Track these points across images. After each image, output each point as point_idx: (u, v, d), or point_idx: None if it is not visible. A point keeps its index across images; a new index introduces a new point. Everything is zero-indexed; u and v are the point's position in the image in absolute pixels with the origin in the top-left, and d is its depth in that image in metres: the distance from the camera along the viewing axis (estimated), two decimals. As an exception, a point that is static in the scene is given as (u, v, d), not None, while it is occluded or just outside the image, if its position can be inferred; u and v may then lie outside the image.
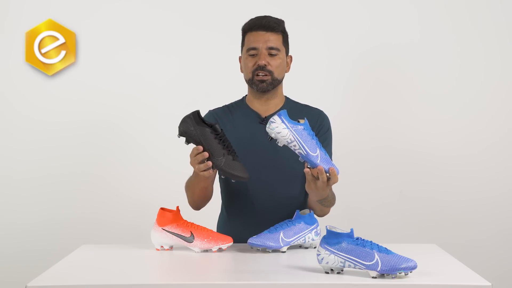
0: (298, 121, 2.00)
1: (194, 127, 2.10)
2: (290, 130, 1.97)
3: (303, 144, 1.97)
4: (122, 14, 3.36)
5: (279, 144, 1.99)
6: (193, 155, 2.10)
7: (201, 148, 2.08)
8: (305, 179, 2.35)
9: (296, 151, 1.98)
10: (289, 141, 1.97)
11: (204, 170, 2.10)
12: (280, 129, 1.97)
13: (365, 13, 3.36)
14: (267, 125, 1.98)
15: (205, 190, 2.30)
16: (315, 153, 1.98)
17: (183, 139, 2.14)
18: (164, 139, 3.35)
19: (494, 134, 3.34)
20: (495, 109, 3.34)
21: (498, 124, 3.34)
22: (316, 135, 2.15)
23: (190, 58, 3.38)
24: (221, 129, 2.12)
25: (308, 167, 2.01)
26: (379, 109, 3.36)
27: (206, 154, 2.07)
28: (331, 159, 2.35)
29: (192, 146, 2.13)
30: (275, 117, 1.98)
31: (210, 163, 2.08)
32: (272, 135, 1.98)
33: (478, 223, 3.35)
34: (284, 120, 1.98)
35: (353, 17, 3.36)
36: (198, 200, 2.35)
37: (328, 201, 2.22)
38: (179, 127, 2.12)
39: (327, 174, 2.00)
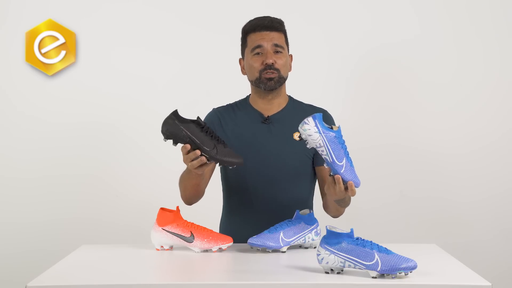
0: (331, 127, 1.98)
1: (179, 125, 2.09)
2: (322, 135, 1.95)
3: (331, 152, 1.95)
4: (122, 14, 3.36)
5: (307, 146, 1.97)
6: (185, 153, 2.10)
7: (189, 146, 2.08)
8: (308, 179, 2.37)
9: (323, 156, 1.96)
10: (318, 145, 1.95)
11: (199, 166, 2.10)
12: (312, 132, 1.95)
13: (366, 13, 3.35)
14: (300, 125, 1.96)
15: (197, 187, 2.30)
16: (341, 163, 1.96)
17: (170, 142, 2.13)
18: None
19: (494, 134, 3.34)
20: (497, 106, 3.34)
21: (499, 122, 3.34)
22: None
23: (190, 57, 3.38)
24: (204, 122, 2.12)
25: (330, 175, 2.00)
26: (378, 110, 3.36)
27: (198, 152, 2.07)
28: None
29: (180, 146, 2.12)
30: (309, 119, 1.96)
31: (203, 158, 2.08)
32: (303, 136, 1.96)
33: (478, 223, 3.34)
34: (318, 124, 1.95)
35: (355, 17, 3.35)
36: (190, 196, 2.35)
37: (345, 202, 2.19)
38: (163, 131, 2.11)
39: (345, 185, 1.99)
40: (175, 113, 2.12)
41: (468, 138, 3.34)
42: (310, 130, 1.95)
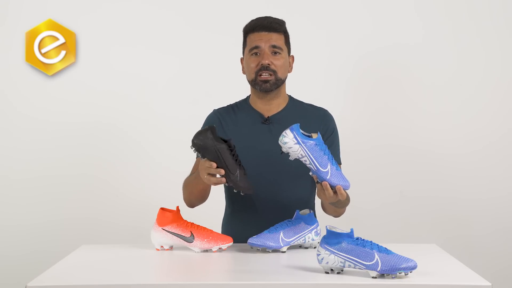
0: (311, 136, 1.98)
1: (214, 143, 2.07)
2: (301, 146, 1.95)
3: (314, 160, 1.96)
4: (122, 14, 3.36)
5: (290, 158, 1.98)
6: (206, 167, 2.08)
7: (215, 165, 2.06)
8: (309, 179, 2.36)
9: (307, 165, 1.98)
10: (300, 156, 1.96)
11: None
12: (291, 144, 1.96)
13: (367, 14, 3.35)
14: (280, 138, 1.97)
15: (204, 192, 2.32)
16: (325, 169, 1.97)
17: (191, 150, 2.12)
18: (164, 139, 3.35)
19: (494, 134, 3.34)
20: (497, 106, 3.34)
21: (499, 123, 3.34)
22: (322, 138, 2.13)
23: (190, 57, 3.38)
24: (234, 145, 2.11)
25: (317, 182, 2.01)
26: (379, 110, 3.36)
27: (222, 171, 2.07)
28: (340, 161, 2.36)
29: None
30: (287, 131, 1.96)
31: (224, 179, 2.08)
32: (284, 150, 1.97)
33: (478, 223, 3.34)
34: (296, 135, 1.96)
35: (356, 18, 3.35)
36: (195, 200, 2.36)
37: (341, 204, 2.20)
38: (197, 142, 2.08)
39: (333, 189, 1.99)
40: (213, 129, 2.09)
41: (467, 138, 3.34)
42: (289, 143, 1.96)
